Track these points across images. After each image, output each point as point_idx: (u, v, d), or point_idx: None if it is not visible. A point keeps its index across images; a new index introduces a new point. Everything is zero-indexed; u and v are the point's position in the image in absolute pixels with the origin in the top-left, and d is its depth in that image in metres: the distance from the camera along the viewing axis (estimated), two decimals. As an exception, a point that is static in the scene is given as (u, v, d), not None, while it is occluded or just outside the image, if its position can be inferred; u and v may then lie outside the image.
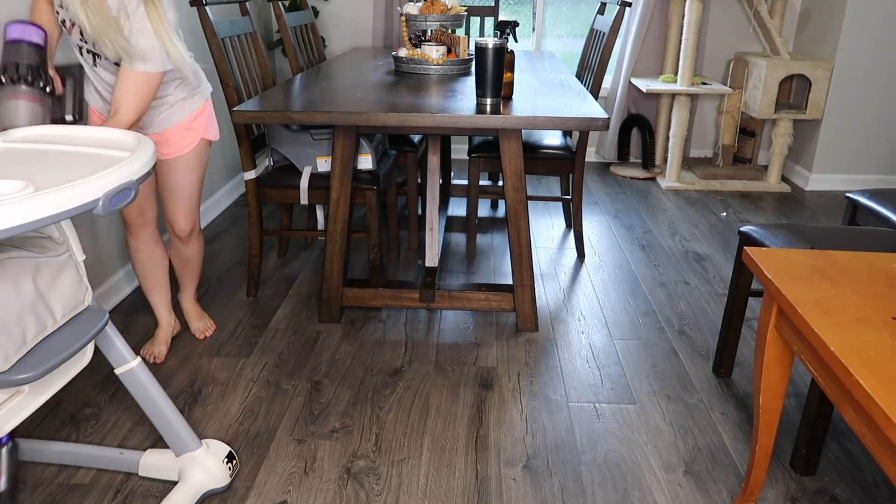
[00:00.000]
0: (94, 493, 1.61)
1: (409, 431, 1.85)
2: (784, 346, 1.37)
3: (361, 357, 2.19)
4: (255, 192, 2.46)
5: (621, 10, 2.67)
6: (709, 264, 2.92)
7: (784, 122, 3.84)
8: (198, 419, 1.88)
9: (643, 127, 4.18)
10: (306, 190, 2.43)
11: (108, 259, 2.46)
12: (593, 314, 2.49)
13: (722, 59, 4.23)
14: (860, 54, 3.71)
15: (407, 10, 2.70)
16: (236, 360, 2.17)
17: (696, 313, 2.50)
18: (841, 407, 1.13)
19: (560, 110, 2.02)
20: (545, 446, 1.80)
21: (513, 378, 2.09)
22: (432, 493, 1.63)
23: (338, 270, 2.34)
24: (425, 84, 2.46)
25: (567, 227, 3.34)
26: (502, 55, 2.05)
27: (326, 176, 2.43)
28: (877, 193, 2.16)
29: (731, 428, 1.88)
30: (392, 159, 2.69)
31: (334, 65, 2.94)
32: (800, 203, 3.74)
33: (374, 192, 2.39)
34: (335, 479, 1.67)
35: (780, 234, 1.85)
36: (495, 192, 3.42)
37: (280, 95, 2.20)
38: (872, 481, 1.69)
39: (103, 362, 2.13)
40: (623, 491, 1.65)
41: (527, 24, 4.37)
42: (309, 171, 2.43)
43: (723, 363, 2.10)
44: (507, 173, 2.22)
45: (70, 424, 1.85)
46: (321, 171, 2.45)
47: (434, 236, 2.54)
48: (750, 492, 1.53)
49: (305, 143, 2.43)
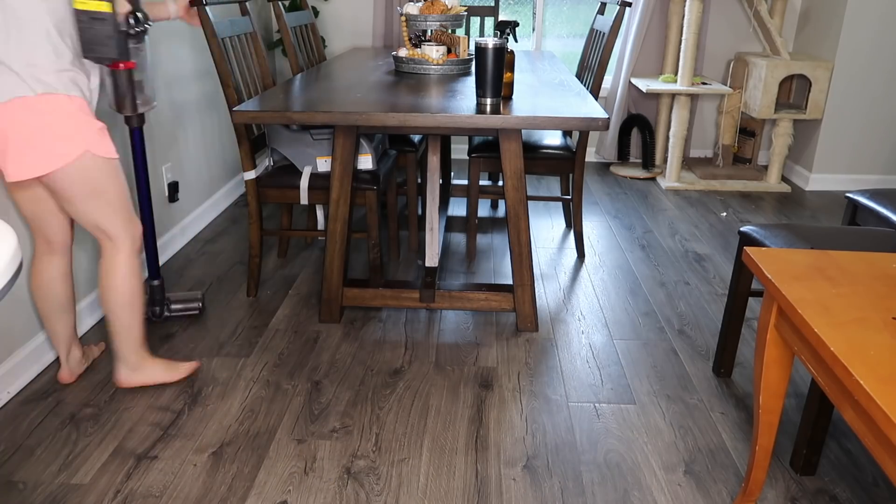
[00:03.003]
0: (94, 493, 1.61)
1: (409, 431, 1.85)
2: (784, 346, 1.37)
3: (361, 357, 2.19)
4: (255, 192, 2.46)
5: (621, 10, 2.67)
6: (709, 264, 2.92)
7: (784, 122, 3.84)
8: (198, 419, 1.88)
9: (643, 127, 4.18)
10: (306, 190, 2.43)
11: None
12: (593, 314, 2.49)
13: (722, 59, 4.23)
14: (860, 54, 3.71)
15: (407, 10, 2.70)
16: (236, 360, 2.17)
17: (696, 313, 2.50)
18: (841, 407, 1.13)
19: (560, 110, 2.02)
20: (545, 446, 1.80)
21: (513, 378, 2.09)
22: (432, 493, 1.63)
23: (338, 270, 2.34)
24: (425, 84, 2.46)
25: (567, 227, 3.34)
26: (502, 55, 2.05)
27: (326, 176, 2.43)
28: (877, 193, 2.15)
29: (731, 428, 1.88)
30: (392, 159, 2.69)
31: (334, 65, 2.94)
32: (800, 203, 3.74)
33: (375, 192, 2.39)
34: (335, 479, 1.67)
35: (780, 234, 1.85)
36: (495, 192, 3.42)
37: (280, 95, 2.20)
38: (872, 481, 1.69)
39: (103, 362, 2.13)
40: (623, 491, 1.65)
41: (527, 24, 4.37)
42: (309, 170, 2.43)
43: (723, 363, 2.10)
44: (507, 173, 2.22)
45: (70, 424, 1.85)
46: (321, 171, 2.45)
47: (434, 236, 2.54)
48: (750, 492, 1.53)
49: (305, 143, 2.42)
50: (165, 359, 2.04)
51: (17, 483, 1.64)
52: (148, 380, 1.99)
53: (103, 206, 1.80)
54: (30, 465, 1.70)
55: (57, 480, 1.65)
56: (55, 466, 1.69)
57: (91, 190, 1.76)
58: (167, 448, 1.76)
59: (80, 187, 1.74)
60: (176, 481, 1.65)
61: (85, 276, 2.36)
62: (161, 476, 1.67)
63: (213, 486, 1.64)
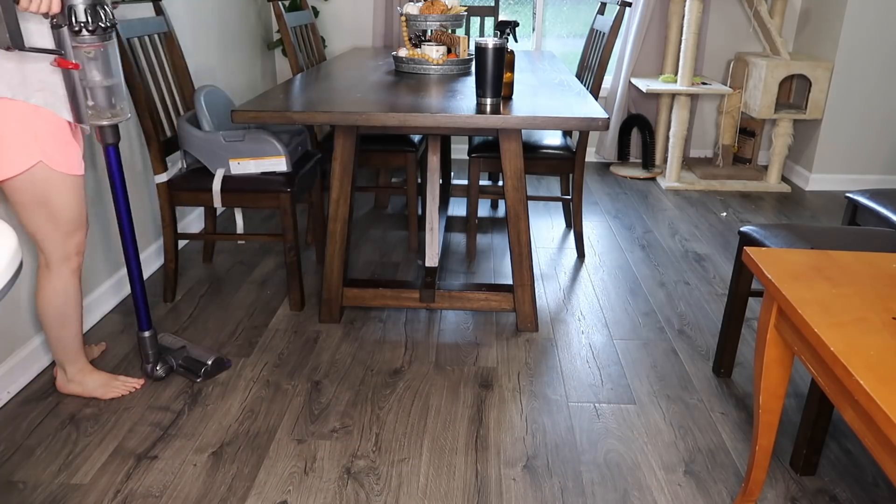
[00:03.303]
0: (94, 493, 1.61)
1: (409, 431, 1.85)
2: (784, 346, 1.37)
3: (361, 357, 2.19)
4: (167, 195, 2.39)
5: (621, 10, 2.67)
6: (709, 264, 2.92)
7: (784, 122, 3.84)
8: (198, 419, 1.88)
9: (643, 127, 4.18)
10: (219, 193, 2.35)
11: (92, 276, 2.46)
12: (593, 314, 2.49)
13: (722, 59, 4.23)
14: (860, 54, 3.71)
15: (407, 10, 2.70)
16: (236, 360, 2.17)
17: (696, 313, 2.50)
18: (841, 407, 1.13)
19: (560, 110, 2.02)
20: (545, 446, 1.80)
21: (513, 378, 2.09)
22: (432, 493, 1.63)
23: (338, 270, 2.34)
24: (425, 84, 2.46)
25: (567, 227, 3.34)
26: (502, 55, 2.05)
27: (242, 179, 2.37)
28: (877, 193, 2.15)
29: (731, 428, 1.88)
30: (315, 161, 2.64)
31: (334, 65, 2.94)
32: (800, 203, 3.74)
33: (289, 195, 2.36)
34: (335, 479, 1.67)
35: (780, 234, 1.85)
36: (495, 192, 3.42)
37: (280, 95, 2.20)
38: (872, 481, 1.69)
39: (103, 362, 2.13)
40: (623, 491, 1.65)
41: (527, 24, 4.37)
42: (221, 173, 2.36)
43: (723, 363, 2.10)
44: (507, 173, 2.22)
45: (70, 424, 1.85)
46: (235, 174, 2.38)
47: (434, 236, 2.54)
48: (750, 492, 1.53)
49: (217, 145, 2.36)
50: (108, 373, 1.99)
51: (17, 483, 1.64)
52: (82, 391, 1.95)
53: (44, 220, 1.72)
54: (30, 465, 1.70)
55: (57, 480, 1.65)
56: (55, 466, 1.69)
57: (37, 202, 1.69)
58: (167, 448, 1.76)
59: (27, 196, 1.68)
60: (176, 481, 1.65)
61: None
62: (161, 476, 1.67)
63: (213, 486, 1.64)
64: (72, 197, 1.74)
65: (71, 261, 1.81)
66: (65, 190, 1.72)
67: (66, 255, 1.79)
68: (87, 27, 1.61)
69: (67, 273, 1.81)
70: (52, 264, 1.79)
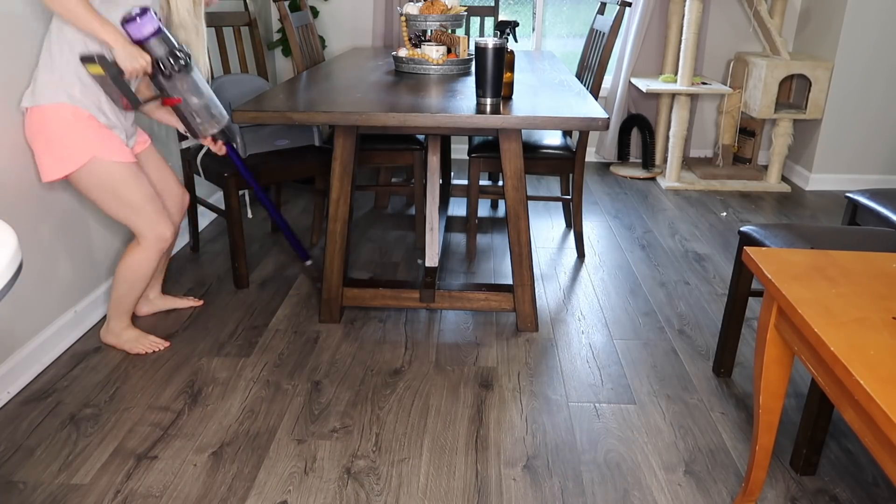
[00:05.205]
0: (94, 494, 1.61)
1: (409, 431, 1.85)
2: (784, 346, 1.37)
3: (361, 357, 2.19)
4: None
5: (621, 10, 2.67)
6: (709, 264, 2.92)
7: (784, 122, 3.84)
8: (198, 419, 1.88)
9: (643, 127, 4.18)
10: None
11: (101, 267, 2.46)
12: (593, 314, 2.49)
13: (722, 59, 4.23)
14: (860, 54, 3.71)
15: (407, 10, 2.70)
16: (236, 360, 2.17)
17: (696, 313, 2.50)
18: (841, 407, 1.13)
19: (560, 110, 2.02)
20: (545, 446, 1.80)
21: (513, 378, 2.09)
22: (432, 493, 1.63)
23: (338, 270, 2.34)
24: (425, 84, 2.46)
25: (567, 227, 3.34)
26: (502, 55, 2.05)
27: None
28: (877, 193, 2.16)
29: (731, 428, 1.88)
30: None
31: (334, 65, 2.94)
32: (800, 203, 3.74)
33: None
34: (335, 479, 1.67)
35: (780, 234, 1.85)
36: (495, 192, 3.42)
37: (280, 95, 2.20)
38: (872, 481, 1.69)
39: (103, 362, 2.13)
40: (623, 491, 1.65)
41: (527, 24, 4.37)
42: None
43: (723, 363, 2.11)
44: (507, 173, 2.22)
45: (70, 424, 1.85)
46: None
47: (434, 236, 2.54)
48: (750, 492, 1.53)
49: None
50: (141, 331, 2.23)
51: (17, 483, 1.64)
52: (116, 343, 2.20)
53: (124, 208, 2.00)
54: (30, 465, 1.70)
55: (57, 480, 1.65)
56: (55, 466, 1.69)
57: (108, 192, 1.97)
58: (167, 448, 1.76)
59: (98, 190, 1.96)
60: (176, 481, 1.65)
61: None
62: (161, 476, 1.67)
63: (213, 486, 1.64)
64: (135, 182, 1.99)
65: (161, 243, 2.07)
66: (124, 177, 1.97)
67: (158, 238, 2.06)
68: (173, 69, 1.96)
69: (154, 252, 2.08)
70: (142, 241, 2.06)
